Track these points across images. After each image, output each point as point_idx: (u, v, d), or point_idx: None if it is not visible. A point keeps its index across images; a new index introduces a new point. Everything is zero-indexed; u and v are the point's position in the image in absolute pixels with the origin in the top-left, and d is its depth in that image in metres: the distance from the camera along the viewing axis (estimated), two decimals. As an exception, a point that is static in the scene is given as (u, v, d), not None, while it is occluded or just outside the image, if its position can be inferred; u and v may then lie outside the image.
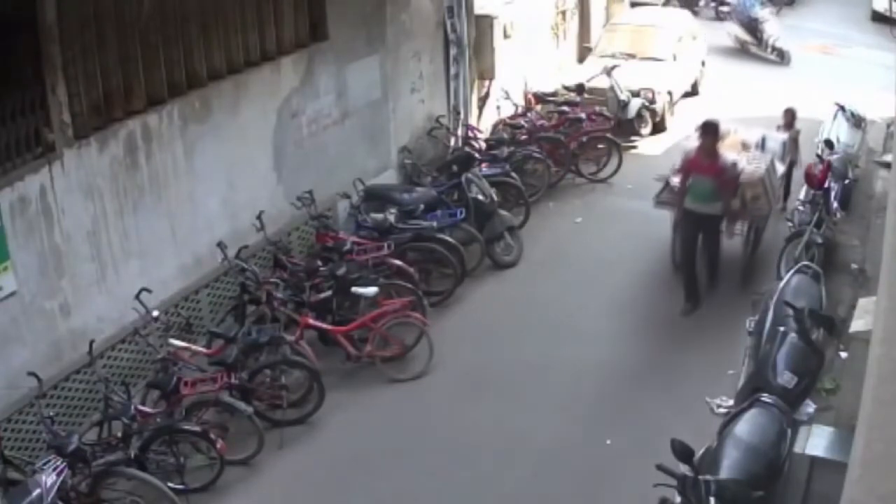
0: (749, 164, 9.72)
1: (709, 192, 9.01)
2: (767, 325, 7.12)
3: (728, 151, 9.60)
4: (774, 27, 18.35)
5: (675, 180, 9.49)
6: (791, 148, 10.89)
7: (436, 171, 11.21)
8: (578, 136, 12.40)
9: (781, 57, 17.96)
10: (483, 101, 13.23)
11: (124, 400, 6.88)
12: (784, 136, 10.75)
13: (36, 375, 6.50)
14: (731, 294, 9.50)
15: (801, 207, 9.98)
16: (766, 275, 9.48)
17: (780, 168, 10.41)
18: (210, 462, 6.97)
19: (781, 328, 6.89)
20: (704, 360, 8.41)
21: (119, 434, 6.70)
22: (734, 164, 9.28)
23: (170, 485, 6.55)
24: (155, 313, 7.51)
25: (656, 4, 19.44)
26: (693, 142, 9.55)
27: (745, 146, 10.32)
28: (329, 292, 8.44)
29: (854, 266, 9.80)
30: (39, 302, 6.95)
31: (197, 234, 8.40)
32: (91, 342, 6.99)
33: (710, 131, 9.13)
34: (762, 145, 10.48)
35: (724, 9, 21.57)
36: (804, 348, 6.76)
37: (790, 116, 11.15)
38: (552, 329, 9.15)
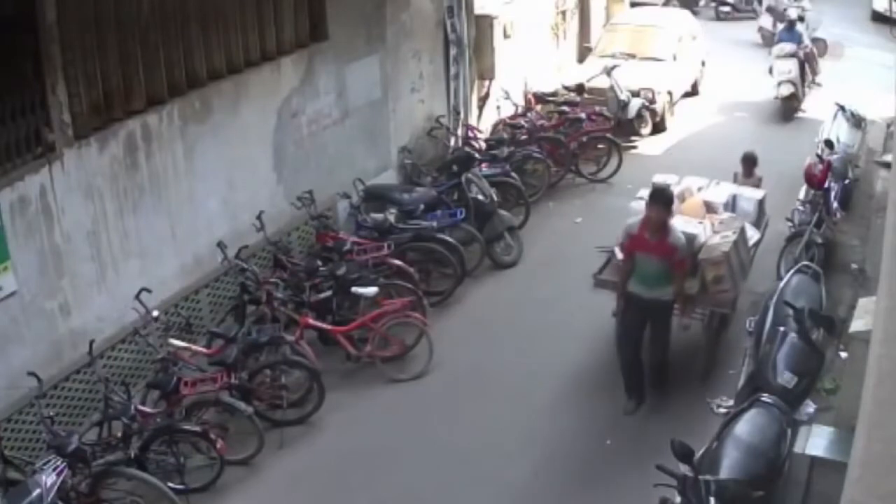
0: (714, 234, 8.07)
1: (657, 275, 7.45)
2: (767, 325, 7.12)
3: (687, 218, 8.09)
4: (813, 18, 17.99)
5: (620, 254, 7.94)
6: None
7: (436, 171, 11.21)
8: (578, 136, 12.41)
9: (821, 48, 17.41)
10: (483, 101, 13.24)
11: (124, 400, 6.88)
12: (760, 194, 9.22)
13: (36, 375, 6.50)
14: (685, 397, 7.91)
15: (801, 207, 9.98)
16: (764, 278, 9.46)
17: (755, 235, 8.71)
18: (210, 462, 6.97)
19: (781, 328, 6.89)
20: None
21: (119, 434, 6.70)
22: (690, 240, 7.70)
23: (170, 485, 6.54)
24: (155, 313, 7.51)
25: (656, 4, 19.44)
26: (639, 211, 7.81)
27: (709, 208, 8.68)
28: (329, 292, 8.44)
29: (854, 266, 9.80)
30: (39, 302, 6.95)
31: (197, 234, 8.40)
32: (91, 342, 6.98)
33: (658, 201, 7.35)
34: (732, 206, 8.95)
35: (724, 9, 21.63)
36: (804, 348, 6.75)
37: (750, 164, 10.02)
38: (552, 329, 9.15)
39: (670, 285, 7.49)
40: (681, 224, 7.80)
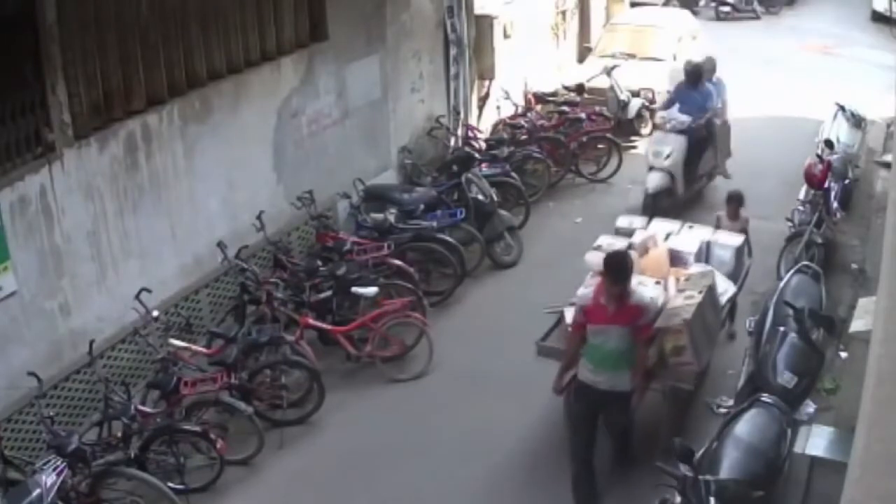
0: (677, 294, 6.91)
1: (617, 355, 6.22)
2: (767, 325, 7.12)
3: (645, 279, 6.94)
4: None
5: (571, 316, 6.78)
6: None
7: (436, 171, 11.21)
8: (578, 136, 12.40)
9: None
10: (483, 101, 13.23)
11: (124, 400, 6.88)
12: (738, 241, 8.12)
13: (36, 375, 6.50)
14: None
15: (801, 207, 9.98)
16: (764, 278, 9.45)
17: (729, 289, 7.63)
18: (210, 462, 6.97)
19: (781, 328, 6.89)
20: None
21: (119, 434, 6.70)
22: (655, 305, 6.58)
23: (170, 485, 6.55)
24: (155, 313, 7.51)
25: (656, 4, 19.44)
26: (597, 265, 6.77)
27: (676, 260, 7.57)
28: (329, 292, 8.44)
29: (854, 266, 9.80)
30: (39, 302, 6.95)
31: (197, 234, 8.40)
32: (91, 342, 6.98)
33: (614, 273, 6.15)
34: (706, 255, 7.93)
35: (724, 9, 21.64)
36: (804, 348, 6.76)
37: (735, 204, 8.93)
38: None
39: (629, 369, 6.27)
40: (636, 283, 6.58)
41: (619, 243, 7.65)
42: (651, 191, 10.78)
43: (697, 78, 11.26)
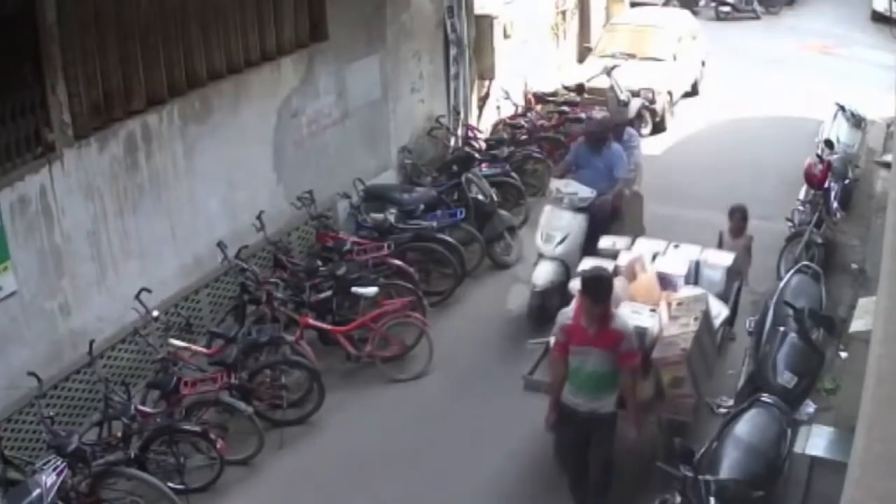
0: (671, 322, 6.57)
1: (598, 379, 5.98)
2: (767, 325, 7.12)
3: (636, 306, 6.67)
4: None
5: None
6: (743, 260, 8.06)
7: (436, 171, 11.21)
8: (578, 136, 12.39)
9: None
10: (483, 101, 13.24)
11: (124, 400, 6.88)
12: (728, 260, 7.69)
13: (36, 375, 6.50)
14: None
15: (801, 207, 9.99)
16: (764, 278, 9.45)
17: (722, 311, 7.27)
18: (210, 462, 6.97)
19: (781, 328, 6.89)
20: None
21: (119, 434, 6.70)
22: (640, 336, 6.32)
23: (170, 485, 6.54)
24: (155, 313, 7.50)
25: (656, 4, 19.45)
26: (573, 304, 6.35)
27: (666, 283, 7.19)
28: (329, 292, 8.44)
29: (854, 266, 9.80)
30: (39, 302, 6.95)
31: (197, 234, 8.40)
32: (91, 342, 6.98)
33: (593, 294, 5.87)
34: (695, 276, 7.52)
35: (724, 9, 21.64)
36: (804, 348, 6.76)
37: (740, 219, 8.32)
38: (552, 329, 9.12)
39: (613, 392, 6.03)
40: (628, 314, 6.42)
41: (605, 265, 7.23)
42: (539, 287, 8.62)
43: (601, 139, 9.14)
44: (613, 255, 7.73)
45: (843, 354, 7.54)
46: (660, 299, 6.89)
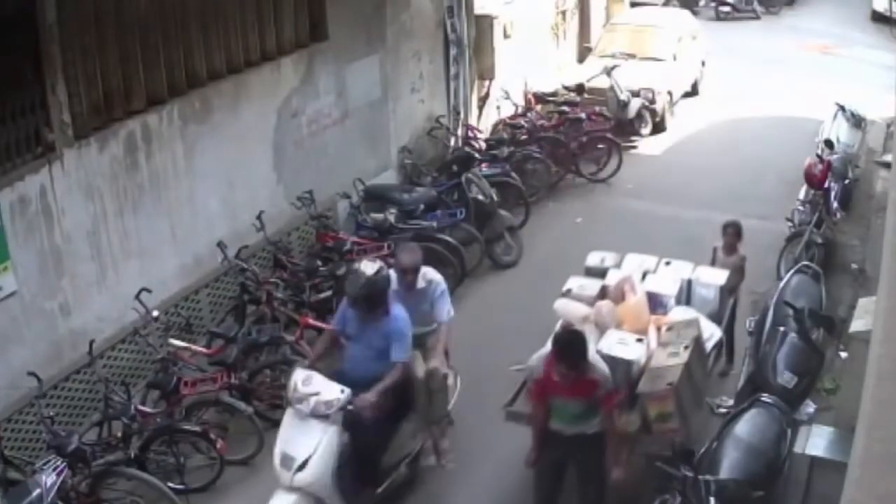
0: (660, 349, 6.27)
1: (580, 414, 5.80)
2: (767, 325, 7.12)
3: (623, 335, 6.35)
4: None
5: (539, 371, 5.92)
6: (734, 278, 7.58)
7: (436, 171, 11.21)
8: (578, 136, 12.40)
9: None
10: (483, 101, 13.23)
11: (124, 400, 6.89)
12: (721, 278, 7.31)
13: (36, 375, 6.50)
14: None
15: (801, 207, 9.99)
16: (764, 278, 9.45)
17: (715, 333, 6.93)
18: (210, 462, 6.97)
19: (781, 328, 6.90)
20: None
21: (119, 434, 6.70)
22: (625, 367, 6.09)
23: (170, 485, 6.55)
24: (155, 313, 7.50)
25: (656, 4, 19.46)
26: (565, 313, 6.53)
27: (656, 303, 6.88)
28: (329, 292, 8.44)
29: (854, 266, 9.80)
30: (39, 302, 6.95)
31: (197, 234, 8.40)
32: (91, 342, 6.98)
33: (565, 355, 5.56)
34: (687, 296, 7.17)
35: (724, 9, 21.65)
36: (804, 348, 6.77)
37: (733, 234, 7.91)
38: (552, 329, 9.12)
39: (597, 417, 5.80)
40: (613, 343, 6.17)
41: (592, 286, 7.04)
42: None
43: (376, 302, 6.26)
44: (602, 273, 7.30)
45: (843, 354, 7.54)
46: (649, 323, 6.55)
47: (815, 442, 6.13)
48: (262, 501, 7.00)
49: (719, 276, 7.31)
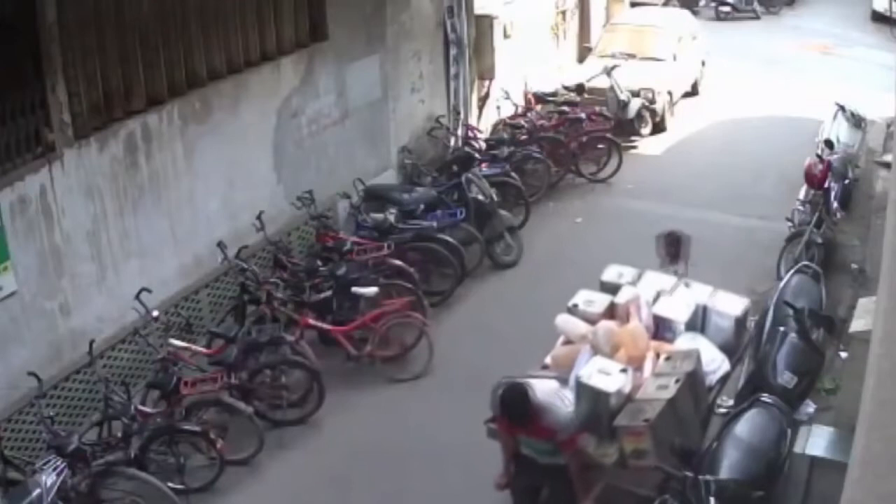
0: (653, 380, 5.98)
1: (548, 450, 5.81)
2: (767, 325, 7.11)
3: (609, 363, 6.04)
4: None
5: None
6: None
7: (436, 171, 11.21)
8: (578, 136, 12.40)
9: None
10: (483, 101, 13.23)
11: (124, 400, 6.89)
12: (740, 307, 6.83)
13: (36, 375, 6.51)
14: None
15: (801, 207, 9.98)
16: (764, 278, 9.45)
17: (723, 366, 6.51)
18: (210, 462, 6.97)
19: (781, 328, 6.89)
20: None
21: (119, 434, 6.70)
22: (601, 398, 5.82)
23: (170, 485, 6.55)
24: (155, 313, 7.51)
25: (656, 4, 19.45)
26: (564, 330, 6.58)
27: (662, 326, 6.61)
28: (329, 292, 8.44)
29: (854, 266, 9.79)
30: (39, 302, 6.95)
31: (197, 234, 8.40)
32: (91, 342, 6.99)
33: (509, 412, 5.62)
34: (702, 323, 6.74)
35: (724, 9, 21.64)
36: (804, 348, 6.76)
37: (671, 245, 7.39)
38: (552, 329, 9.12)
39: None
40: (592, 372, 5.94)
41: (600, 302, 6.79)
42: None
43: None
44: (615, 288, 6.95)
45: (843, 354, 7.54)
46: (647, 350, 6.28)
47: (815, 442, 6.13)
48: (262, 501, 7.05)
49: (736, 306, 6.86)
